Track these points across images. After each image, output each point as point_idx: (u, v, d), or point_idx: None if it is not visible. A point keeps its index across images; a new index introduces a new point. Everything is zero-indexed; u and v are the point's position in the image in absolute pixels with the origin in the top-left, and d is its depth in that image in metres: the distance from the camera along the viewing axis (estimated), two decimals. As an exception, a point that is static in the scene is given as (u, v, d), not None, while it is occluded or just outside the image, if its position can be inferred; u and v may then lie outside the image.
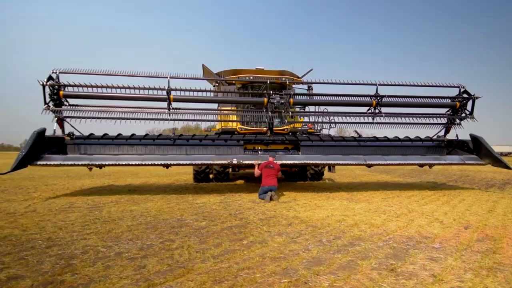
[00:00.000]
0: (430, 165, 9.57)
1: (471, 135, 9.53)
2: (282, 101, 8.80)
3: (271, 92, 8.67)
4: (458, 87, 9.53)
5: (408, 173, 16.94)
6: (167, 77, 8.35)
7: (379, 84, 9.10)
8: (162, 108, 8.55)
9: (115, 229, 4.66)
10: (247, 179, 13.11)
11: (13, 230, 4.57)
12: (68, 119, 8.50)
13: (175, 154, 8.49)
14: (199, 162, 8.28)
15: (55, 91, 7.98)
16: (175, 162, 8.09)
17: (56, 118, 8.27)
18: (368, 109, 9.44)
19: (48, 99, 7.94)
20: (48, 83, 7.77)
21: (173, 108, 8.56)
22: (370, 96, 9.24)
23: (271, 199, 7.29)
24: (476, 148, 9.34)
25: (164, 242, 4.01)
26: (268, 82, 9.03)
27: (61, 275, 2.94)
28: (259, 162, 7.99)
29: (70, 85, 8.05)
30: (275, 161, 7.94)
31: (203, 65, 11.89)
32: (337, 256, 3.47)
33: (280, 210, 6.25)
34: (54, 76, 7.99)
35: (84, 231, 4.56)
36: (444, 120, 9.84)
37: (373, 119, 9.34)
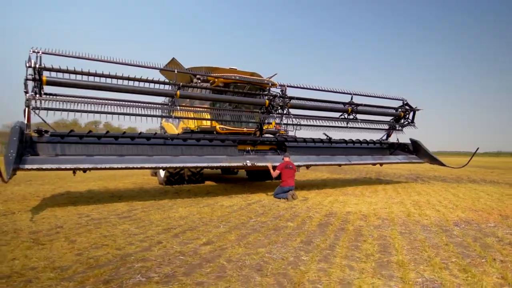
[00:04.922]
0: (381, 164, 11.59)
1: (411, 139, 11.91)
2: (281, 104, 9.19)
3: (278, 94, 8.95)
4: (402, 100, 11.80)
5: (333, 171, 19.37)
6: (174, 71, 7.72)
7: (354, 94, 10.51)
8: (166, 105, 7.84)
9: (226, 234, 4.32)
10: (216, 180, 12.88)
11: (107, 250, 3.73)
12: (38, 112, 6.88)
13: (187, 155, 7.84)
14: (216, 164, 7.89)
15: (38, 76, 6.37)
16: (192, 164, 7.61)
17: (27, 110, 6.62)
18: (341, 115, 10.76)
19: (31, 86, 6.29)
20: (37, 66, 6.16)
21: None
22: (344, 103, 10.54)
23: (292, 197, 7.64)
24: (415, 149, 11.73)
25: (303, 245, 3.98)
26: (271, 85, 9.28)
27: (300, 285, 2.79)
28: (274, 164, 8.20)
29: (59, 70, 6.56)
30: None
31: (173, 58, 11.12)
32: (460, 240, 4.24)
33: (321, 207, 6.67)
34: (34, 57, 6.36)
35: (194, 241, 4.07)
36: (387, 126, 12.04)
37: (347, 123, 10.71)
